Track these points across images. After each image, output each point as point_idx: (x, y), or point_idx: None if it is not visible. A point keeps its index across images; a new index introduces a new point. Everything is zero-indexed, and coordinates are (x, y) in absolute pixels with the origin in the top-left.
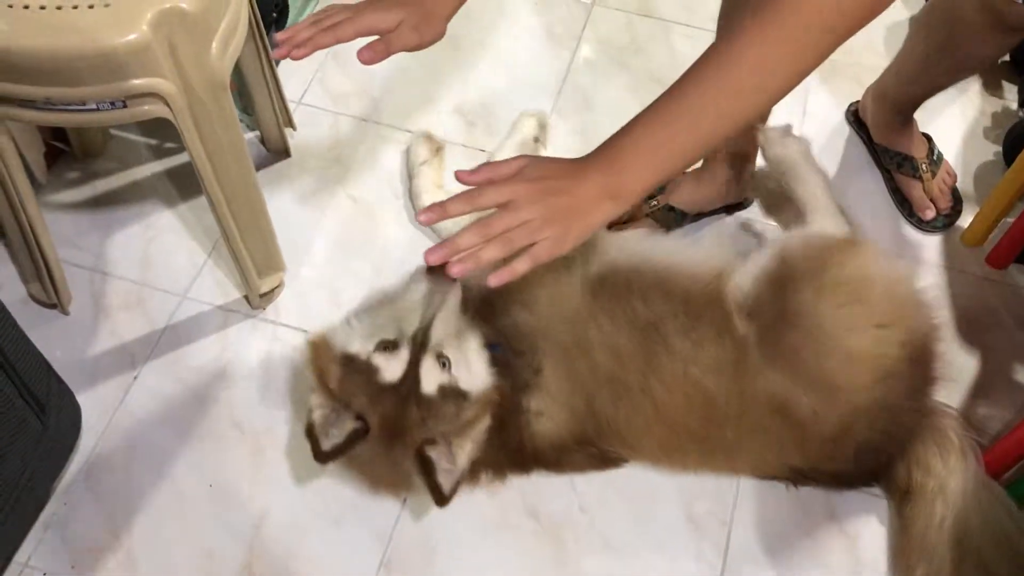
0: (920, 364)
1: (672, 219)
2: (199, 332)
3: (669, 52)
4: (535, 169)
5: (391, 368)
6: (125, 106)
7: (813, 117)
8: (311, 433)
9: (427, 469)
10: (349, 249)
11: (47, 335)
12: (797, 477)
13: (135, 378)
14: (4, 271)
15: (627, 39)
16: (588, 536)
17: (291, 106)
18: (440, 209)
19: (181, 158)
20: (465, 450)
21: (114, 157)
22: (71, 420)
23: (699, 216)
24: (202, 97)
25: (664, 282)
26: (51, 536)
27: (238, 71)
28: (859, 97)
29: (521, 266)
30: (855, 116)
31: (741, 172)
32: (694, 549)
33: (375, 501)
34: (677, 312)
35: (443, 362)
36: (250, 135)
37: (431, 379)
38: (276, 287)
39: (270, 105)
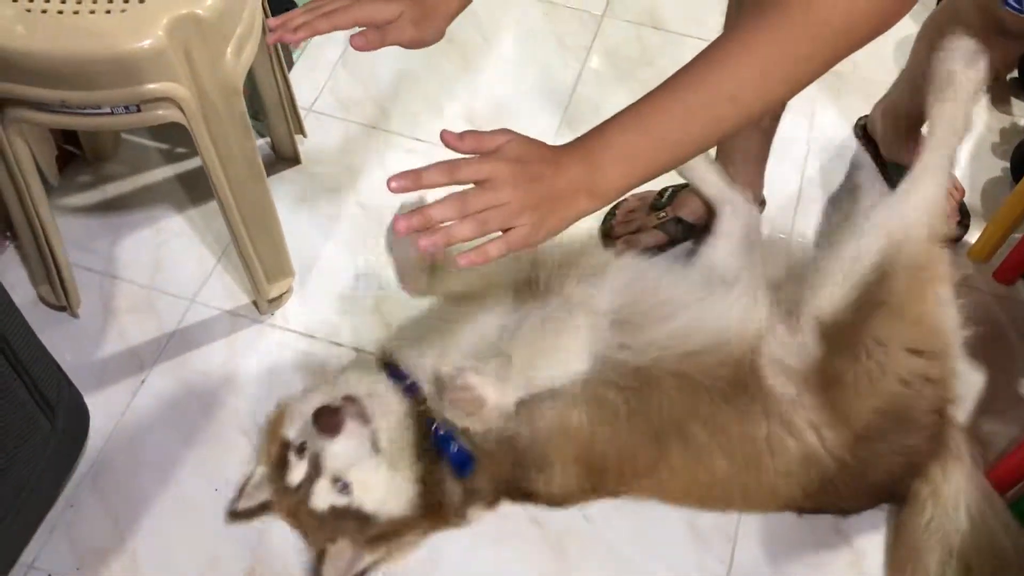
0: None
1: (680, 231)
2: (207, 337)
3: (679, 64)
4: (517, 148)
5: (294, 472)
6: (139, 110)
7: (820, 131)
8: (240, 488)
9: (317, 559)
10: (358, 256)
11: (56, 337)
12: (805, 511)
13: (143, 382)
14: (15, 273)
15: (637, 51)
16: (592, 546)
17: (302, 113)
18: (414, 176)
19: (192, 163)
20: (366, 562)
21: (125, 161)
22: (79, 422)
23: (707, 228)
24: (215, 102)
25: (687, 370)
26: (57, 537)
27: (250, 77)
28: (867, 111)
29: (494, 250)
30: (863, 131)
31: (755, 178)
32: (699, 563)
33: None
34: (701, 407)
35: (341, 487)
36: (260, 141)
37: (321, 499)
38: (285, 293)
39: (281, 111)
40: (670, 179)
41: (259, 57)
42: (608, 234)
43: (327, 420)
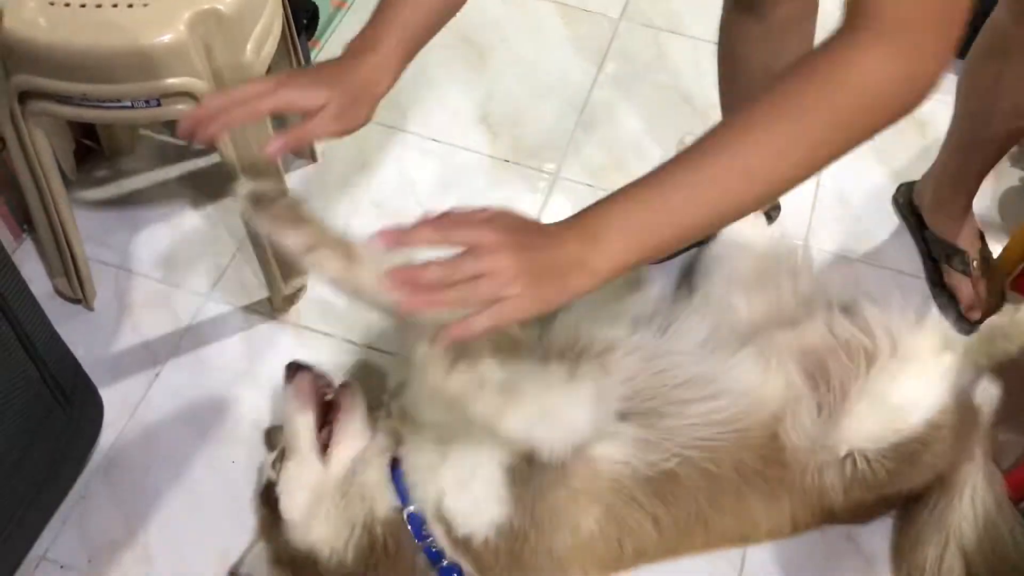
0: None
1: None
2: (221, 332)
3: (695, 70)
4: (510, 219)
5: None
6: (159, 104)
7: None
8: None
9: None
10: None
11: (71, 330)
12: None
13: (157, 376)
14: (32, 265)
15: (653, 55)
16: None
17: None
18: (404, 234)
19: (208, 160)
20: None
21: (142, 157)
22: (93, 414)
23: (686, 248)
24: None
25: (710, 467)
26: (69, 530)
27: (269, 74)
28: (880, 176)
29: (480, 323)
30: (907, 201)
31: None
32: (710, 567)
33: None
34: (725, 499)
35: (276, 464)
36: None
37: (266, 465)
38: (299, 290)
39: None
40: None
41: (278, 55)
42: None
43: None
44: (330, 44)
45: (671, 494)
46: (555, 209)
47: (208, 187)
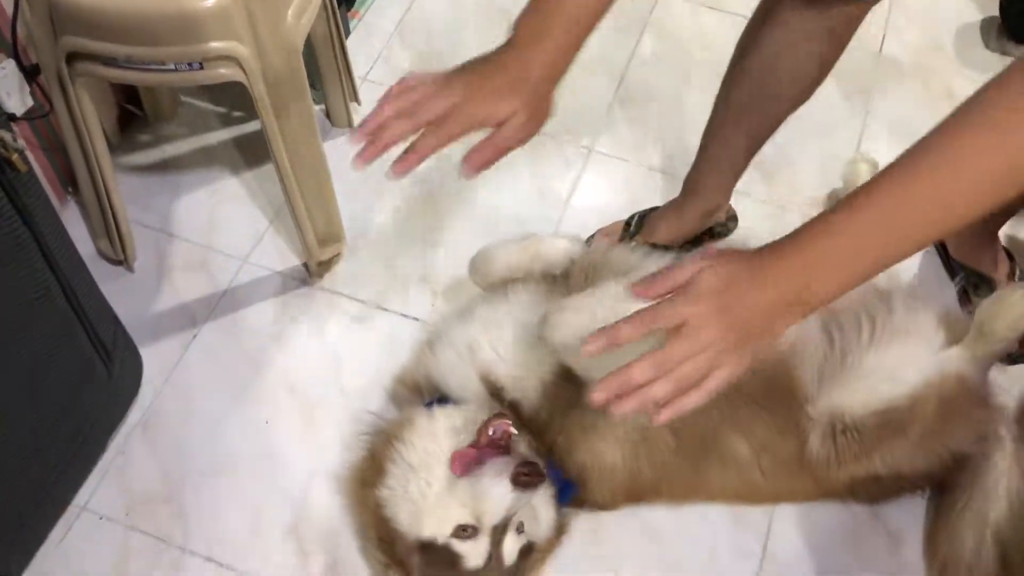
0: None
1: None
2: (258, 296)
3: (733, 47)
4: (712, 277)
5: (475, 554)
6: (201, 67)
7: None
8: None
9: None
10: (407, 226)
11: (112, 290)
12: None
13: (194, 337)
14: (76, 227)
15: (692, 31)
16: (628, 520)
17: (356, 81)
18: (608, 337)
19: (248, 127)
20: None
21: (184, 123)
22: (134, 371)
23: (684, 247)
24: (275, 63)
25: None
26: (108, 483)
27: (308, 44)
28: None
29: (692, 400)
30: None
31: (728, 190)
32: (735, 541)
33: None
34: (740, 416)
35: (519, 529)
36: (316, 108)
37: (513, 551)
38: (335, 256)
39: (337, 79)
40: (636, 206)
41: (318, 23)
42: None
43: (530, 476)
44: (369, 15)
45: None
46: (588, 183)
47: (248, 154)
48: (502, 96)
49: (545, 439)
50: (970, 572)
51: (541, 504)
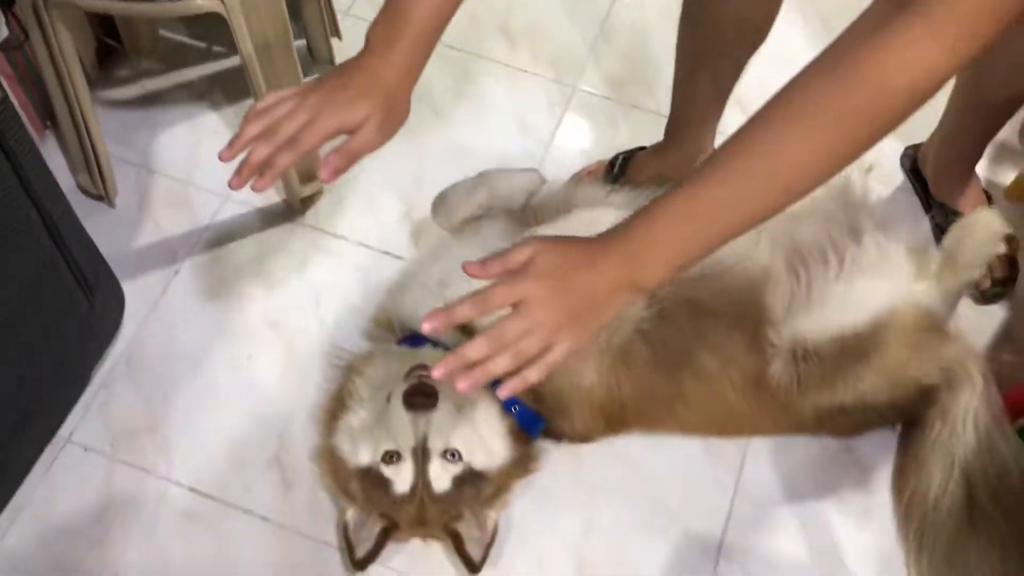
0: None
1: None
2: (240, 232)
3: None
4: (547, 259)
5: (401, 479)
6: None
7: None
8: (347, 540)
9: (456, 543)
10: (388, 161)
11: (94, 225)
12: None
13: (176, 273)
14: (54, 161)
15: None
16: (607, 453)
17: (338, 16)
18: (445, 316)
19: (228, 62)
20: (492, 518)
21: (163, 58)
22: (116, 305)
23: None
24: None
25: (697, 295)
26: (92, 415)
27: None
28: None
29: (534, 375)
30: (912, 164)
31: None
32: (710, 474)
33: None
34: (710, 333)
35: (452, 455)
36: (296, 43)
37: (442, 478)
38: (316, 193)
39: (318, 12)
40: (620, 145)
41: None
42: None
43: (422, 397)
44: None
45: (663, 324)
46: (572, 122)
47: (228, 89)
48: (353, 104)
49: None
50: (937, 506)
51: (490, 435)
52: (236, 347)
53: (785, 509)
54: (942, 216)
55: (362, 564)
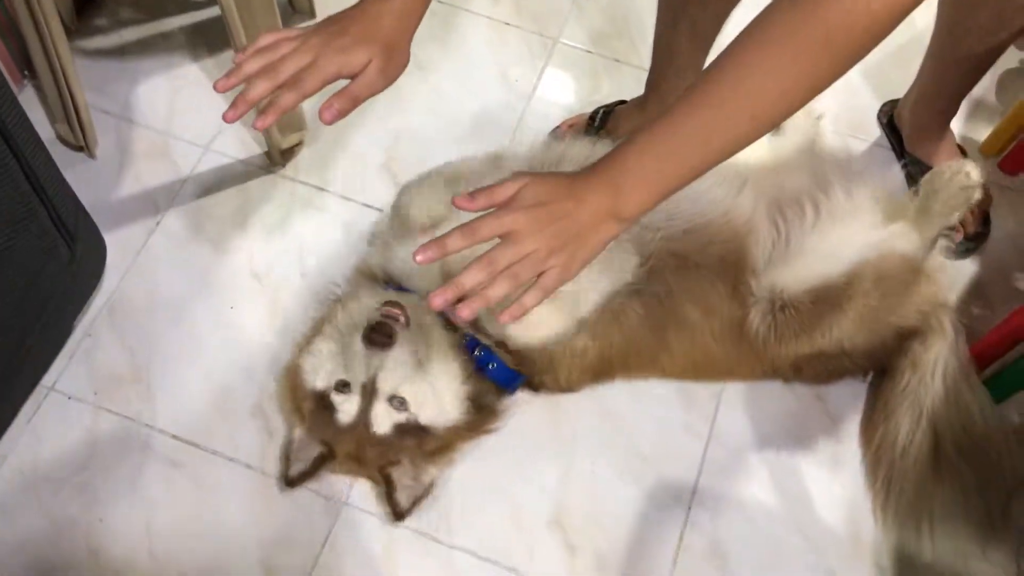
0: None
1: None
2: (221, 184)
3: None
4: (532, 192)
5: (346, 410)
6: None
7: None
8: (286, 456)
9: (388, 488)
10: (369, 111)
11: (74, 176)
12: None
13: (158, 223)
14: (33, 112)
15: None
16: (584, 400)
17: None
18: (438, 247)
19: (207, 12)
20: (431, 474)
21: (142, 7)
22: (97, 254)
23: None
24: None
25: (683, 248)
26: (75, 364)
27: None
28: (867, 95)
29: (531, 300)
30: (888, 119)
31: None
32: (684, 421)
33: None
34: (693, 285)
35: (398, 403)
36: None
37: (383, 421)
38: (297, 145)
39: None
40: (601, 99)
41: None
42: None
43: (380, 336)
44: None
45: (651, 278)
46: (553, 75)
47: (208, 40)
48: (355, 48)
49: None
50: (903, 455)
51: (445, 394)
52: (219, 297)
53: (757, 457)
54: (916, 170)
55: (291, 482)
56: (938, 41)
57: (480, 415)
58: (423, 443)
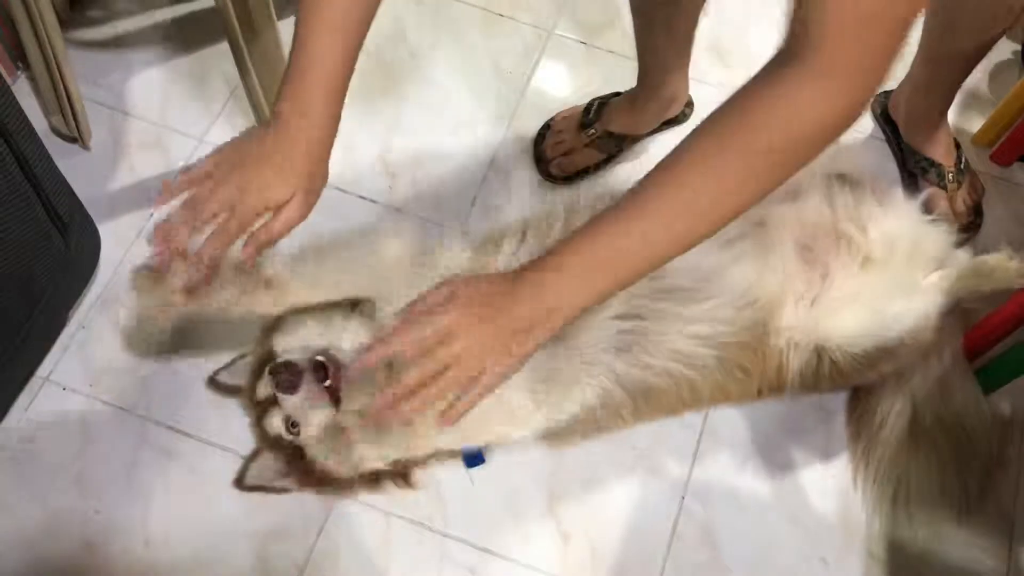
0: None
1: (613, 146)
2: None
3: None
4: (466, 292)
5: (261, 388)
6: None
7: None
8: (230, 363)
9: (250, 458)
10: (363, 106)
11: (68, 168)
12: None
13: (152, 215)
14: (27, 103)
15: None
16: None
17: None
18: (382, 347)
19: (201, 3)
20: (293, 484)
21: None
22: (91, 245)
23: (638, 138)
24: None
25: (702, 381)
26: (70, 356)
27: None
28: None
29: (469, 404)
30: (883, 111)
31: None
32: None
33: None
34: (704, 392)
35: (292, 425)
36: None
37: (273, 425)
38: None
39: None
40: (595, 91)
41: None
42: (540, 159)
43: (284, 378)
44: None
45: (653, 397)
46: (547, 66)
47: (202, 31)
48: (276, 184)
49: None
50: (881, 427)
51: (321, 427)
52: None
53: (750, 448)
54: (914, 163)
55: (211, 382)
56: (928, 37)
57: (375, 480)
58: (296, 462)
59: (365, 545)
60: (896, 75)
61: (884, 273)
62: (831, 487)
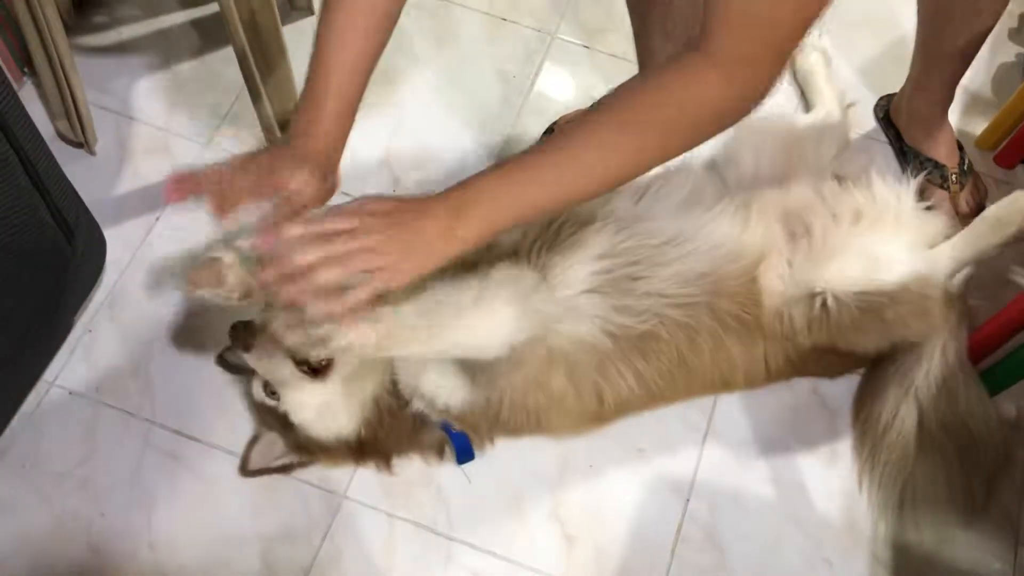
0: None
1: None
2: None
3: None
4: (378, 203)
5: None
6: None
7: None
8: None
9: (251, 442)
10: (366, 110)
11: (73, 172)
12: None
13: (157, 219)
14: (33, 108)
15: None
16: None
17: None
18: (274, 232)
19: (206, 9)
20: (297, 459)
21: (141, 4)
22: (97, 250)
23: None
24: None
25: (689, 320)
26: (76, 359)
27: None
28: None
29: (360, 296)
30: (886, 115)
31: None
32: (682, 413)
33: None
34: (701, 340)
35: (271, 391)
36: None
37: (256, 391)
38: None
39: None
40: (598, 94)
41: None
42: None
43: (236, 333)
44: None
45: (651, 349)
46: (550, 70)
47: (206, 36)
48: (298, 166)
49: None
50: (887, 430)
51: (301, 392)
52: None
53: (754, 450)
54: (918, 165)
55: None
56: (922, 32)
57: (366, 450)
58: (287, 433)
59: (369, 548)
60: (897, 80)
61: (874, 225)
62: (836, 489)
